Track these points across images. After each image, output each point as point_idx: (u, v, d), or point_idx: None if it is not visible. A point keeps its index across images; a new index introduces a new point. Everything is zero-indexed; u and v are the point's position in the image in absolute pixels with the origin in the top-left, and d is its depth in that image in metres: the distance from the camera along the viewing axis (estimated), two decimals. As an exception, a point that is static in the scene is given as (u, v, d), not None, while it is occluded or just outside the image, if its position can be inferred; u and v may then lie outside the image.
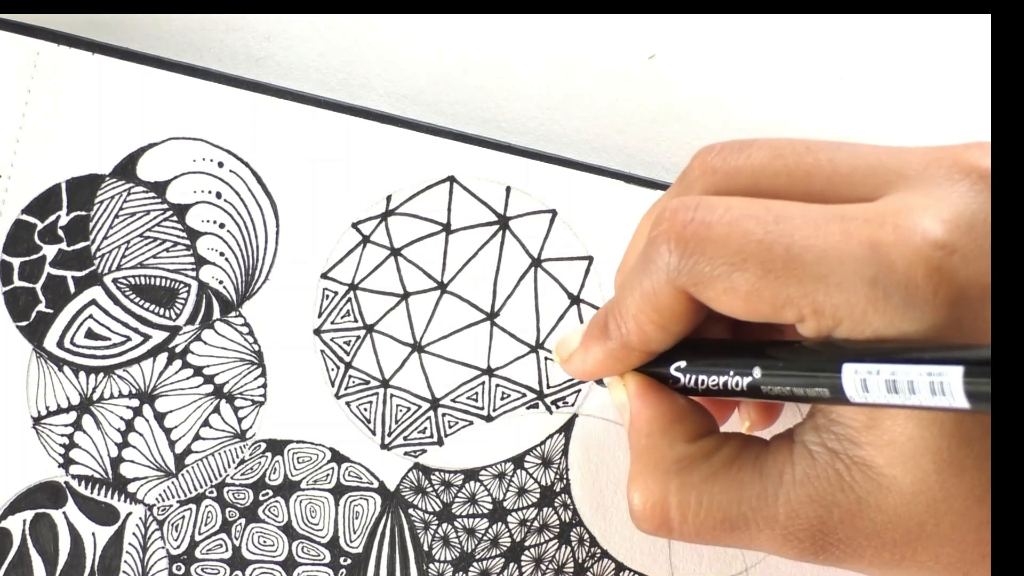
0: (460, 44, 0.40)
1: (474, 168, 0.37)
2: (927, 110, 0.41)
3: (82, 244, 0.36)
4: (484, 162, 0.37)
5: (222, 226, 0.37)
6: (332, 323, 0.37)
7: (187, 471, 0.36)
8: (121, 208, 0.36)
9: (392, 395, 0.36)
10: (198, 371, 0.36)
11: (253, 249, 0.37)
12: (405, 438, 0.36)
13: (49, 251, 0.36)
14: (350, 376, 0.36)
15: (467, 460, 0.37)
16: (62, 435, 0.35)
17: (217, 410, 0.36)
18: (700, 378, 0.29)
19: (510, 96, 0.40)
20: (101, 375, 0.36)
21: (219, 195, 0.37)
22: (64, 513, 0.35)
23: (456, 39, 0.40)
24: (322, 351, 0.36)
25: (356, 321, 0.37)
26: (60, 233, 0.36)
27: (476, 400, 0.37)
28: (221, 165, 0.37)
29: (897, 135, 0.41)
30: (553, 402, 0.37)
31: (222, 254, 0.36)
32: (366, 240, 0.37)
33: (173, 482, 0.36)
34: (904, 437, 0.26)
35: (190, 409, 0.36)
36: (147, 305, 0.36)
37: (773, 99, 0.41)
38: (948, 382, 0.22)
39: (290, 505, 0.36)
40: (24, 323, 0.36)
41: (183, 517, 0.35)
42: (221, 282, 0.36)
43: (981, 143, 0.27)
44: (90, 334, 0.36)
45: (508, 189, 0.37)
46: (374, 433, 0.36)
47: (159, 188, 0.36)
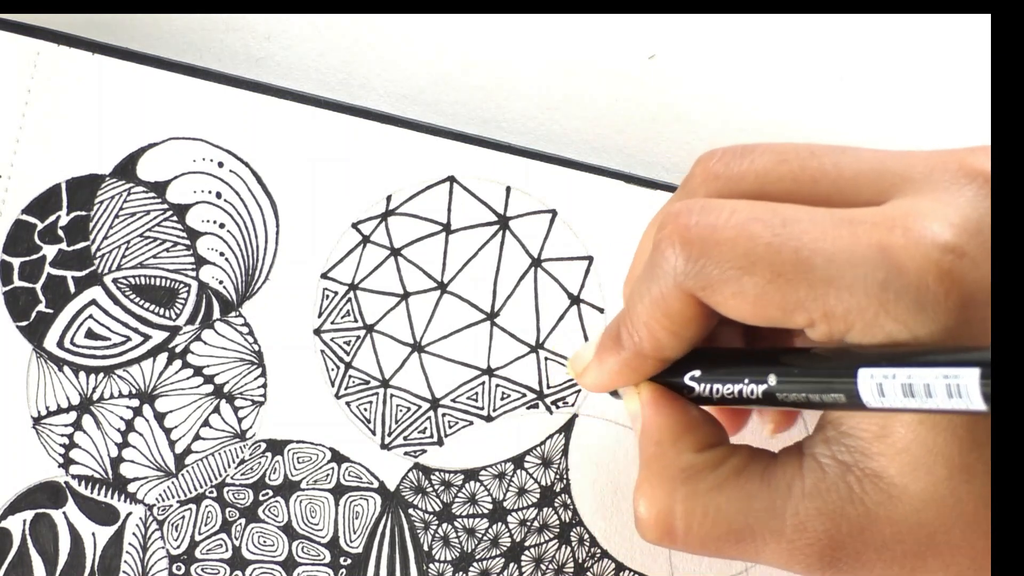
0: (460, 44, 0.40)
1: (474, 168, 0.37)
2: (927, 110, 0.41)
3: (82, 244, 0.36)
4: (484, 162, 0.37)
5: (222, 226, 0.37)
6: (332, 323, 0.37)
7: (187, 471, 0.36)
8: (121, 208, 0.36)
9: (392, 395, 0.36)
10: (198, 371, 0.36)
11: (253, 249, 0.37)
12: (405, 438, 0.36)
13: (49, 251, 0.36)
14: (350, 376, 0.36)
15: (467, 460, 0.37)
16: (62, 435, 0.35)
17: (217, 410, 0.36)
18: (715, 387, 0.29)
19: (510, 96, 0.40)
20: (101, 375, 0.36)
21: (219, 195, 0.37)
22: (64, 513, 0.35)
23: (456, 39, 0.40)
24: (322, 351, 0.36)
25: (356, 321, 0.37)
26: (60, 233, 0.36)
27: (476, 400, 0.37)
28: (221, 165, 0.37)
29: (897, 135, 0.41)
30: (553, 402, 0.37)
31: (222, 254, 0.36)
32: (366, 240, 0.37)
33: (173, 482, 0.36)
34: (917, 444, 0.25)
35: (190, 409, 0.36)
36: (147, 305, 0.36)
37: (773, 99, 0.41)
38: (965, 384, 0.22)
39: (290, 505, 0.36)
40: (24, 323, 0.36)
41: (183, 517, 0.35)
42: (221, 282, 0.36)
43: (986, 147, 0.27)
44: (90, 334, 0.36)
45: (508, 189, 0.37)
46: (374, 433, 0.36)
47: (159, 188, 0.36)
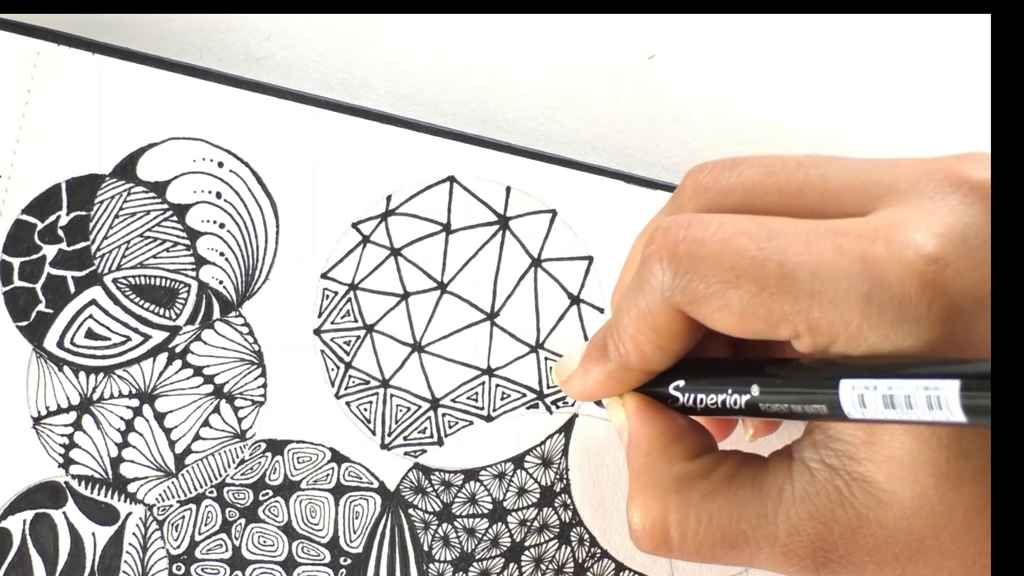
0: (460, 44, 0.40)
1: (474, 168, 0.37)
2: (927, 110, 0.41)
3: (82, 244, 0.36)
4: (484, 162, 0.37)
5: (222, 226, 0.37)
6: (332, 323, 0.37)
7: (187, 471, 0.36)
8: (121, 208, 0.36)
9: (392, 395, 0.36)
10: (198, 371, 0.36)
11: (253, 249, 0.37)
12: (405, 438, 0.36)
13: (49, 251, 0.36)
14: (350, 376, 0.36)
15: (467, 460, 0.37)
16: (62, 435, 0.35)
17: (217, 410, 0.36)
18: (699, 397, 0.29)
19: (510, 96, 0.40)
20: (101, 375, 0.36)
21: (219, 195, 0.37)
22: (64, 513, 0.35)
23: (456, 39, 0.40)
24: (322, 351, 0.36)
25: (356, 321, 0.37)
26: (60, 233, 0.36)
27: (476, 400, 0.37)
28: (221, 165, 0.37)
29: (897, 135, 0.41)
30: (553, 402, 0.37)
31: (222, 254, 0.36)
32: (366, 240, 0.37)
33: (173, 482, 0.36)
34: (903, 452, 0.26)
35: (190, 409, 0.36)
36: (147, 305, 0.36)
37: (773, 99, 0.41)
38: (945, 396, 0.22)
39: (290, 505, 0.36)
40: (24, 323, 0.36)
41: (183, 517, 0.35)
42: (221, 282, 0.36)
43: (972, 154, 0.27)
44: (90, 334, 0.36)
45: (508, 189, 0.37)
46: (374, 433, 0.36)
47: (159, 188, 0.36)
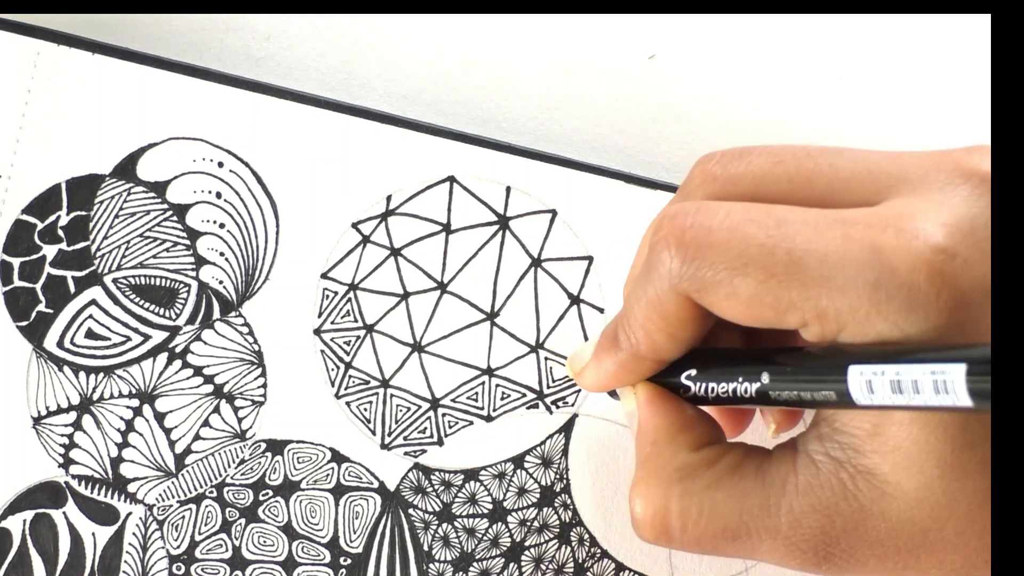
0: (460, 44, 0.40)
1: (474, 168, 0.37)
2: (927, 110, 0.41)
3: (82, 244, 0.36)
4: (484, 162, 0.37)
5: (222, 226, 0.37)
6: (332, 323, 0.37)
7: (187, 471, 0.36)
8: (121, 208, 0.36)
9: (392, 395, 0.36)
10: (198, 371, 0.36)
11: (253, 249, 0.37)
12: (405, 438, 0.36)
13: (49, 251, 0.36)
14: (350, 376, 0.36)
15: (467, 460, 0.37)
16: (62, 435, 0.35)
17: (217, 410, 0.36)
18: (710, 386, 0.29)
19: (510, 96, 0.40)
20: (101, 375, 0.36)
21: (219, 195, 0.37)
22: (64, 513, 0.35)
23: (456, 39, 0.40)
24: (322, 351, 0.36)
25: (356, 321, 0.37)
26: (60, 233, 0.36)
27: (476, 400, 0.37)
28: (221, 165, 0.37)
29: (897, 135, 0.41)
30: (553, 402, 0.37)
31: (222, 254, 0.36)
32: (366, 240, 0.37)
33: (173, 482, 0.36)
34: (909, 442, 0.26)
35: (190, 409, 0.36)
36: (147, 305, 0.36)
37: (773, 99, 0.41)
38: (951, 380, 0.22)
39: (290, 505, 0.36)
40: (24, 323, 0.36)
41: (183, 517, 0.35)
42: (221, 282, 0.36)
43: (981, 147, 0.27)
44: (90, 334, 0.36)
45: (508, 189, 0.37)
46: (374, 433, 0.36)
47: (159, 188, 0.36)
